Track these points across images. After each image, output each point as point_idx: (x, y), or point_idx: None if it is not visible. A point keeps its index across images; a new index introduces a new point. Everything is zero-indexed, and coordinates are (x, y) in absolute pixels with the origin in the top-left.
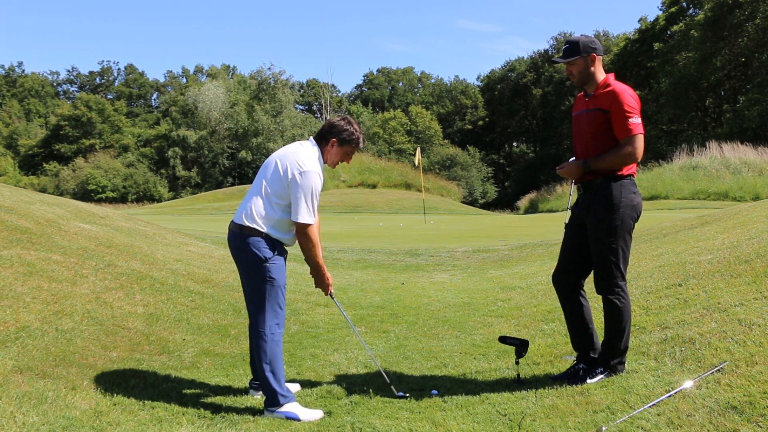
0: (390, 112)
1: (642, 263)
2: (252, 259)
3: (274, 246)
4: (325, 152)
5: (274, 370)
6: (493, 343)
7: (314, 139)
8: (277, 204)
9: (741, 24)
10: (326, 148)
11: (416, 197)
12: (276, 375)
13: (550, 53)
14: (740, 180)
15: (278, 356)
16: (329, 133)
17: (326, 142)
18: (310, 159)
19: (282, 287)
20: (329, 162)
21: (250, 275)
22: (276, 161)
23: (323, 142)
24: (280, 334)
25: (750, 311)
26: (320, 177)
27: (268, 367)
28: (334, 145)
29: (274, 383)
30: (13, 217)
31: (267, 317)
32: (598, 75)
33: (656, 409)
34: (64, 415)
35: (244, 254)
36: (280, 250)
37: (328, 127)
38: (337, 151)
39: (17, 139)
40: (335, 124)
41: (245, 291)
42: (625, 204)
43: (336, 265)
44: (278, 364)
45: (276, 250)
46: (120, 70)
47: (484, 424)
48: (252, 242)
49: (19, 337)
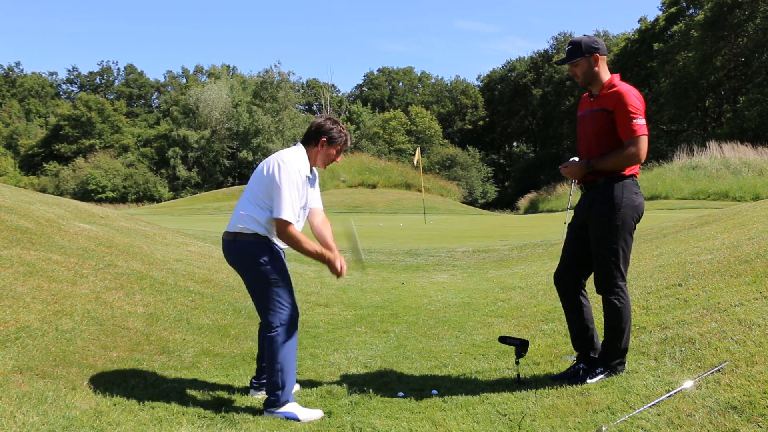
0: (390, 112)
1: (642, 263)
2: (250, 263)
3: (269, 247)
4: (315, 153)
5: (285, 371)
6: (493, 343)
7: (301, 143)
8: (266, 205)
9: (741, 24)
10: (316, 149)
11: (416, 197)
12: (286, 377)
13: (550, 53)
14: (740, 180)
15: (290, 357)
16: (318, 134)
17: (315, 143)
18: (293, 156)
19: (286, 285)
20: (320, 162)
21: (251, 279)
22: (263, 165)
23: (311, 143)
24: (293, 333)
25: (750, 311)
26: (301, 174)
27: (279, 367)
28: (323, 144)
29: (281, 384)
30: (13, 217)
31: (276, 318)
32: (602, 75)
33: (656, 409)
34: (64, 415)
35: (241, 260)
36: (276, 250)
37: (315, 129)
38: (327, 151)
39: (17, 139)
40: (322, 124)
41: (251, 295)
42: (627, 204)
43: None
44: (290, 366)
45: (272, 250)
46: (120, 70)
47: (484, 424)
48: (247, 246)
49: (19, 337)
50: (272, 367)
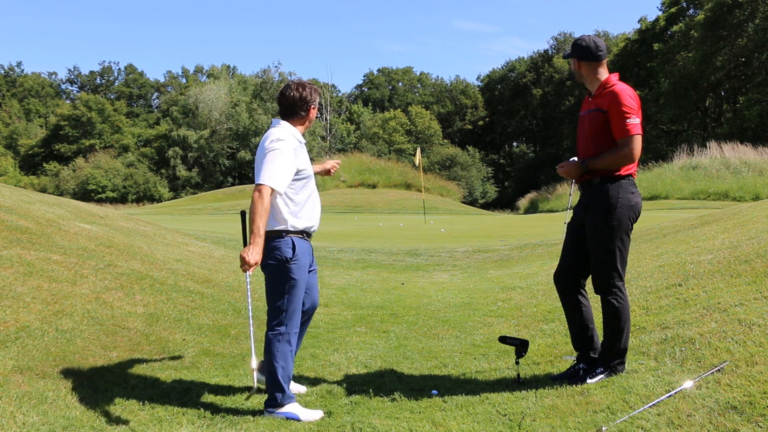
0: (390, 112)
1: (642, 263)
2: (275, 261)
3: (295, 246)
4: (303, 122)
5: (285, 369)
6: (493, 343)
7: (284, 118)
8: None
9: (741, 24)
10: (304, 119)
11: (416, 197)
12: (285, 376)
13: (550, 53)
14: (740, 180)
15: (289, 357)
16: (304, 104)
17: (305, 112)
18: (279, 131)
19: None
20: (303, 130)
21: (271, 277)
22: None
23: (297, 115)
24: (295, 335)
25: (750, 311)
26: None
27: (279, 365)
28: (311, 111)
29: (282, 383)
30: (13, 217)
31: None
32: (600, 76)
33: (656, 409)
34: (64, 415)
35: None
36: (302, 251)
37: (298, 100)
38: (312, 116)
39: (17, 139)
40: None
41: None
42: (623, 204)
43: (336, 265)
44: (289, 365)
45: (296, 250)
46: (120, 70)
47: (484, 424)
48: (275, 245)
49: (19, 337)
50: (273, 364)
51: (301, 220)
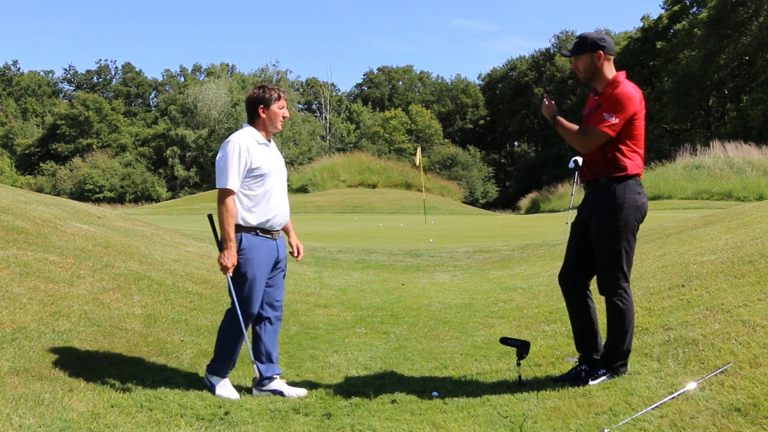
0: (390, 111)
1: (645, 264)
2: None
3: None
4: (261, 123)
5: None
6: (495, 345)
7: (248, 123)
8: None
9: (744, 22)
10: (261, 120)
11: (416, 197)
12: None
13: (552, 52)
14: (744, 180)
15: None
16: (254, 105)
17: (257, 115)
18: (233, 135)
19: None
20: (272, 127)
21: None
22: None
23: (255, 117)
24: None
25: (754, 312)
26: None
27: (228, 339)
28: (263, 111)
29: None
30: (10, 217)
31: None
32: (606, 73)
33: (659, 411)
34: (60, 417)
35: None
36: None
37: (250, 103)
38: (270, 114)
39: (14, 138)
40: (252, 95)
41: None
42: (629, 204)
43: (336, 266)
44: (236, 347)
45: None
46: (118, 69)
47: (485, 426)
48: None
49: (15, 338)
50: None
51: (253, 215)
